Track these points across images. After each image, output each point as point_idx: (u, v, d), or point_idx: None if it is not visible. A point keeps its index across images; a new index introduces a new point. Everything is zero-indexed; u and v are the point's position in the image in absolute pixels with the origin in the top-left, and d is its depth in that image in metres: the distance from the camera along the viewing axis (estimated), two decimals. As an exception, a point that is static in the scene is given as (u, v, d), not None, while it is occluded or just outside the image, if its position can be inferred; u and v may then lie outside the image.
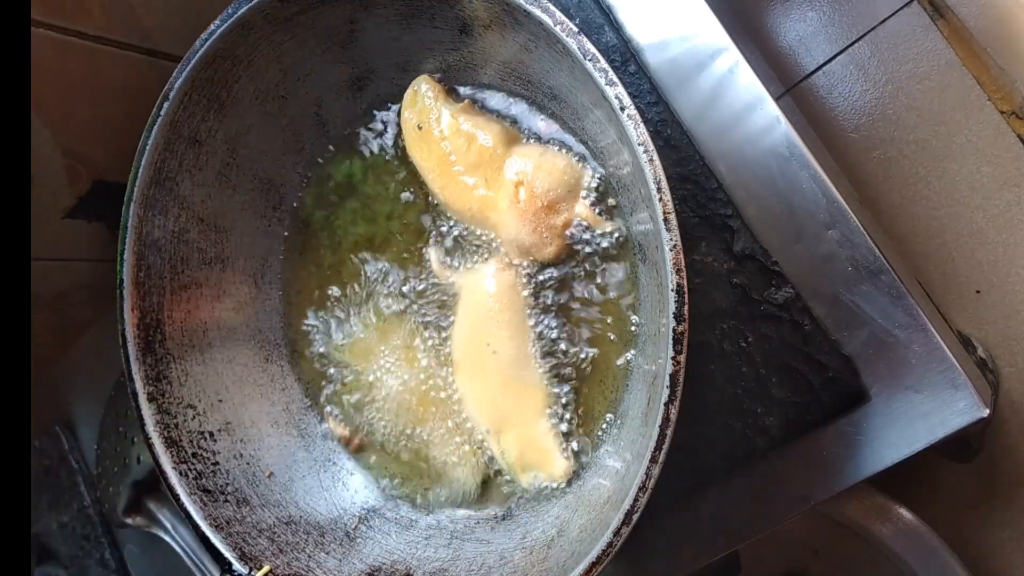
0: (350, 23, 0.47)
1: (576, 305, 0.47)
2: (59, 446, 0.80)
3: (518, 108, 0.49)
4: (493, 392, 0.47)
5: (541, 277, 0.47)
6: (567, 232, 0.46)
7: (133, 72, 0.65)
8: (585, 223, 0.46)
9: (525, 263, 0.47)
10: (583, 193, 0.46)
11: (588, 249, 0.46)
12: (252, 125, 0.51)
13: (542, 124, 0.48)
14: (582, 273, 0.47)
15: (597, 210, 0.46)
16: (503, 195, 0.46)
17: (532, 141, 0.48)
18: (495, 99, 0.49)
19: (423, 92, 0.49)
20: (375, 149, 0.53)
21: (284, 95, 0.51)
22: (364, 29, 0.48)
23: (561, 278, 0.47)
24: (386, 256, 0.52)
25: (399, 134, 0.52)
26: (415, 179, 0.51)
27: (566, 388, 0.46)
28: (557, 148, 0.47)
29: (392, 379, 0.51)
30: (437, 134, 0.48)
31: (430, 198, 0.50)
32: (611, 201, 0.46)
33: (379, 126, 0.53)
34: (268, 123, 0.51)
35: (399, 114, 0.51)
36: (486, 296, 0.48)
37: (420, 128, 0.49)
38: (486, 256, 0.49)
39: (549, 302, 0.47)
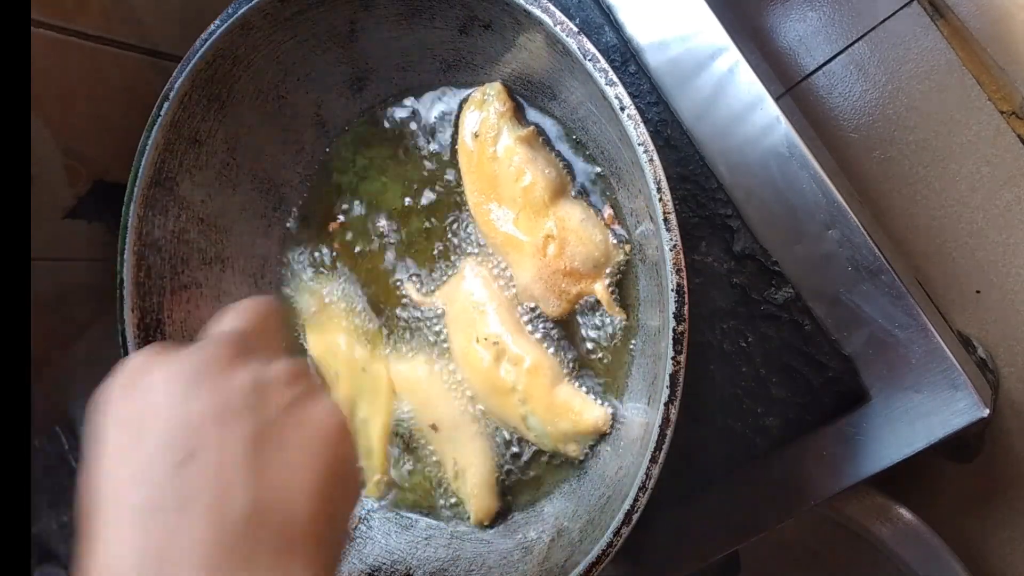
0: (350, 23, 0.47)
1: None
2: (59, 446, 0.80)
3: (566, 147, 0.48)
4: (505, 382, 0.46)
5: (539, 321, 0.47)
6: (578, 302, 0.46)
7: (133, 72, 0.65)
8: (598, 303, 0.45)
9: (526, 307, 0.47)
10: (607, 273, 0.45)
11: (591, 327, 0.46)
12: (252, 125, 0.51)
13: (586, 173, 0.47)
14: (578, 342, 0.47)
15: (614, 295, 0.45)
16: (531, 242, 0.45)
17: (579, 196, 0.47)
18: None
19: (492, 102, 0.47)
20: (395, 145, 0.53)
21: (284, 95, 0.51)
22: (364, 29, 0.48)
23: (560, 332, 0.47)
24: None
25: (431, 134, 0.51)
26: (427, 178, 0.51)
27: (571, 355, 0.46)
28: (597, 214, 0.46)
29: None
30: (490, 153, 0.46)
31: (466, 209, 0.50)
32: (630, 293, 0.45)
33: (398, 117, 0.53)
34: (268, 123, 0.51)
35: (459, 110, 0.49)
36: (469, 298, 0.47)
37: (476, 136, 0.47)
38: (454, 269, 0.50)
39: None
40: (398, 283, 0.52)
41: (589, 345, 0.46)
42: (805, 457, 0.45)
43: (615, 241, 0.45)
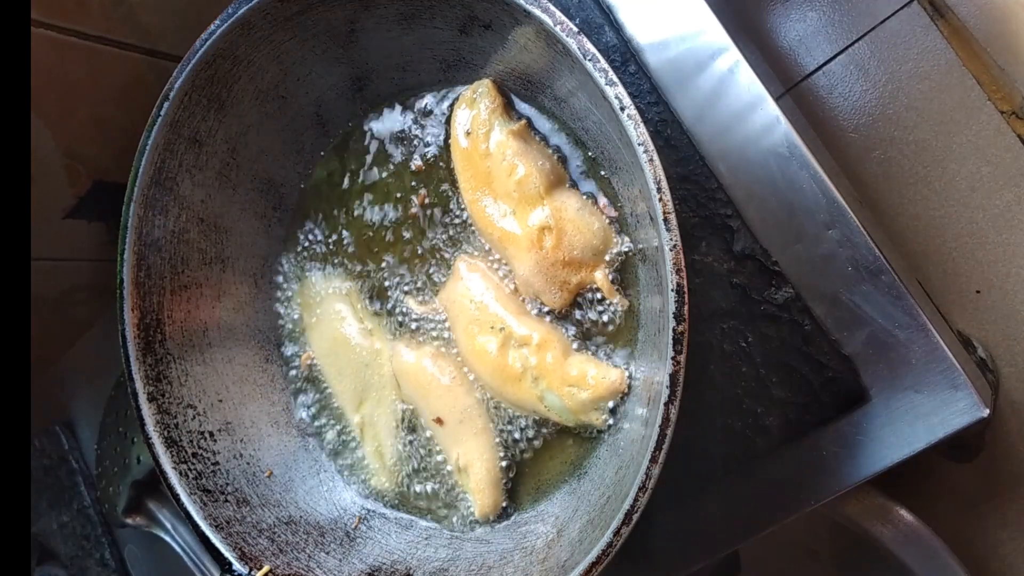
0: (350, 23, 0.47)
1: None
2: (59, 446, 0.80)
3: (560, 138, 0.47)
4: (515, 368, 0.46)
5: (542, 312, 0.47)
6: (578, 291, 0.46)
7: (133, 72, 0.65)
8: (599, 290, 0.45)
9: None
10: (606, 261, 0.45)
11: (592, 315, 0.46)
12: (252, 125, 0.51)
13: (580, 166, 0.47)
14: (579, 329, 0.46)
15: (613, 279, 0.45)
16: (527, 235, 0.45)
17: (574, 187, 0.47)
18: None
19: (481, 99, 0.47)
20: (392, 151, 0.53)
21: (284, 95, 0.51)
22: (364, 29, 0.48)
23: (563, 322, 0.47)
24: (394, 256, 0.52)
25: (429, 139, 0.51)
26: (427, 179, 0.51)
27: (572, 329, 0.47)
28: (593, 203, 0.46)
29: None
30: (483, 149, 0.46)
31: (463, 208, 0.50)
32: (629, 277, 0.45)
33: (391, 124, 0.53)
34: (268, 123, 0.51)
35: (451, 111, 0.49)
36: (467, 295, 0.48)
37: (468, 134, 0.47)
38: (447, 272, 0.50)
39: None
40: (398, 284, 0.52)
41: (593, 334, 0.46)
42: (805, 457, 0.45)
43: (613, 228, 0.45)
